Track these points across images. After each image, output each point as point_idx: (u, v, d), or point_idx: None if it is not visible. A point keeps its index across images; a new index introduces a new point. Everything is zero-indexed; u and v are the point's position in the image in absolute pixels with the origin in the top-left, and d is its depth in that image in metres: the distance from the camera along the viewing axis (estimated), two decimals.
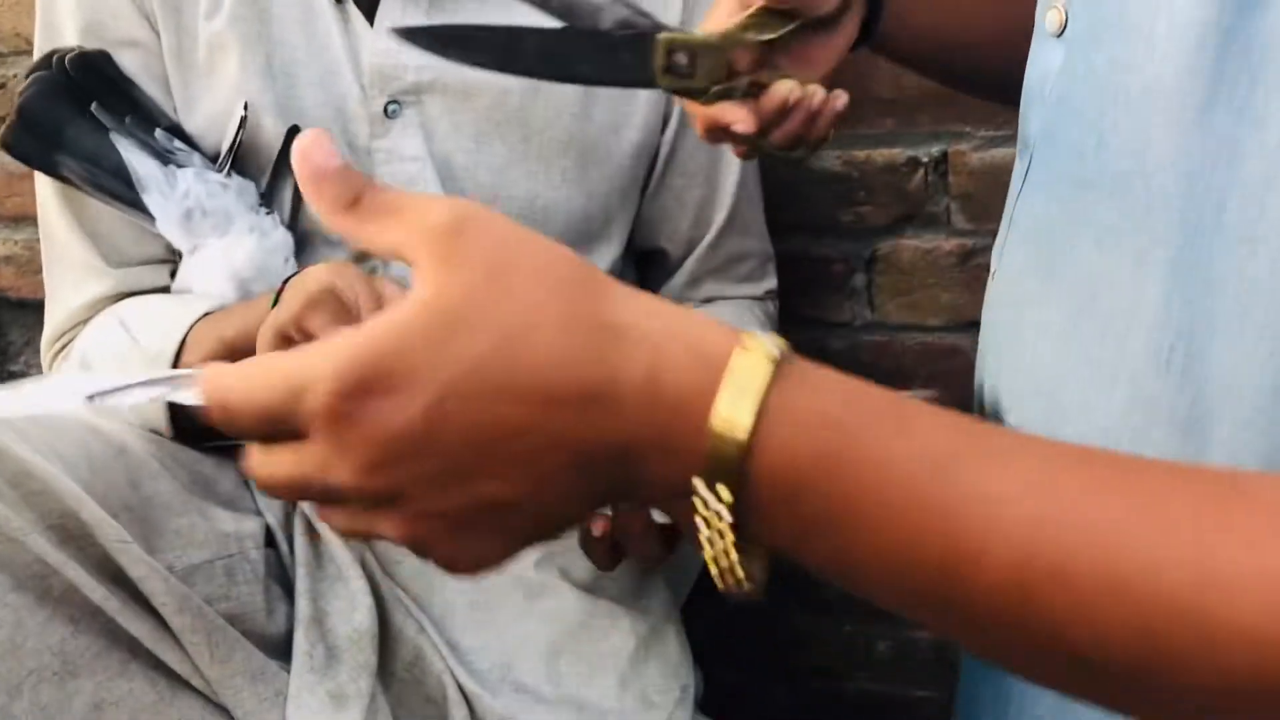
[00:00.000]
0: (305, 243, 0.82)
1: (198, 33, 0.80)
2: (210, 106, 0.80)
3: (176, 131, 0.80)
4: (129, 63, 0.80)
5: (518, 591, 0.83)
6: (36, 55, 0.80)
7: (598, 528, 0.70)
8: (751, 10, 0.64)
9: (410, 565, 0.82)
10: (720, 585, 0.39)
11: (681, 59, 0.62)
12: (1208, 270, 0.50)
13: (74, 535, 0.61)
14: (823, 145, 0.69)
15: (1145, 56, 0.52)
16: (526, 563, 0.83)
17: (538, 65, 0.60)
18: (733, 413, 0.35)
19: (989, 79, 0.71)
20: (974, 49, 0.74)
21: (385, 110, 0.79)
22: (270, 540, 0.77)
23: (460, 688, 0.78)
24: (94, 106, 0.75)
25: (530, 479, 0.37)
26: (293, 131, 0.78)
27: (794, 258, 1.04)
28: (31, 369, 1.27)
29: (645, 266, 0.96)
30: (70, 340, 0.83)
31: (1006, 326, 0.64)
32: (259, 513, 0.77)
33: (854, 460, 0.36)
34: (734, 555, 0.38)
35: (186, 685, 0.66)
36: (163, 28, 0.80)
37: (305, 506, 0.79)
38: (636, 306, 0.38)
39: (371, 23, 0.78)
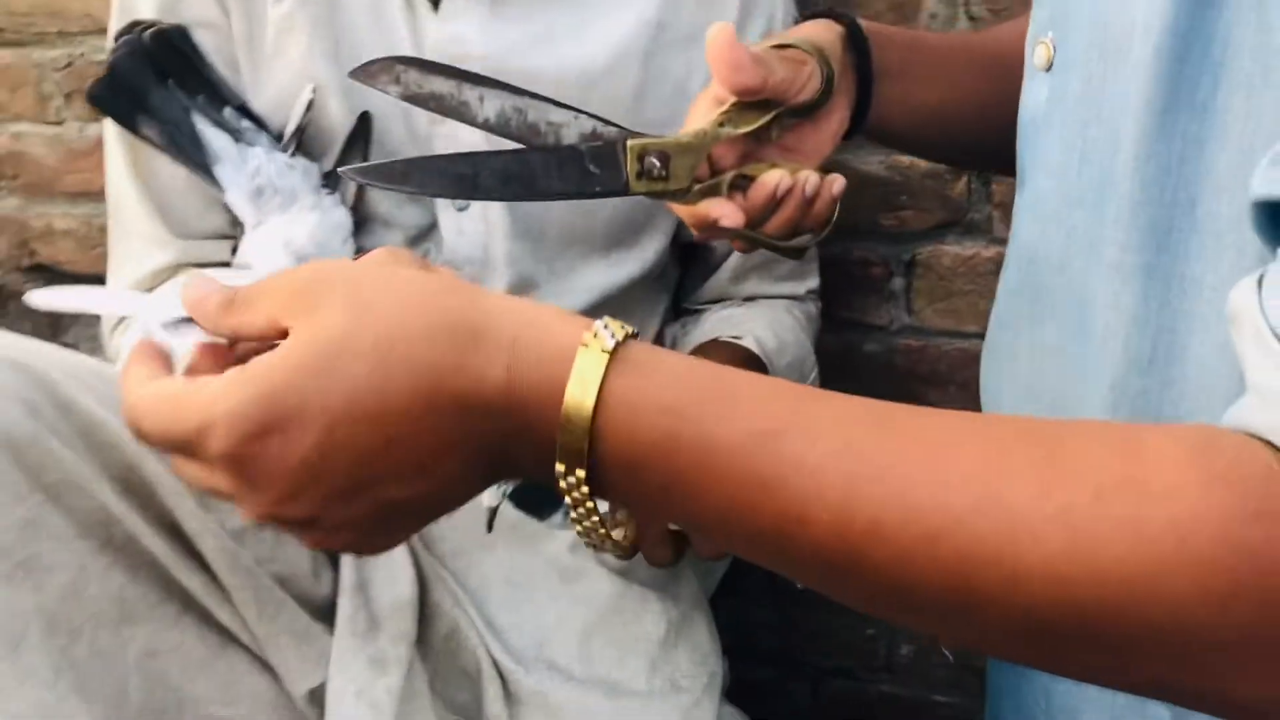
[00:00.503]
0: (365, 225, 0.84)
1: (266, 16, 0.82)
2: (276, 89, 0.82)
3: (244, 111, 0.82)
4: (200, 42, 0.82)
5: (553, 573, 0.84)
6: (112, 33, 0.82)
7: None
8: (725, 106, 0.63)
9: (451, 543, 0.84)
10: (592, 548, 0.44)
11: (654, 162, 0.61)
12: (1184, 268, 0.51)
13: (135, 488, 0.63)
14: (827, 231, 0.68)
15: (1119, 69, 0.53)
16: (562, 546, 0.85)
17: (502, 188, 0.60)
18: (576, 409, 0.40)
19: (987, 150, 0.72)
20: (969, 121, 0.75)
21: None
22: None
23: (495, 663, 0.80)
24: (170, 83, 0.77)
25: (424, 479, 0.41)
26: (364, 118, 0.80)
27: (834, 259, 1.05)
28: (81, 342, 1.30)
29: (689, 261, 0.98)
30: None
31: (1006, 348, 0.65)
32: None
33: (687, 439, 0.40)
34: (599, 525, 0.43)
35: (235, 641, 0.68)
36: (233, 10, 0.82)
37: None
38: (491, 308, 0.42)
39: (436, 9, 0.80)
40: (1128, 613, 0.36)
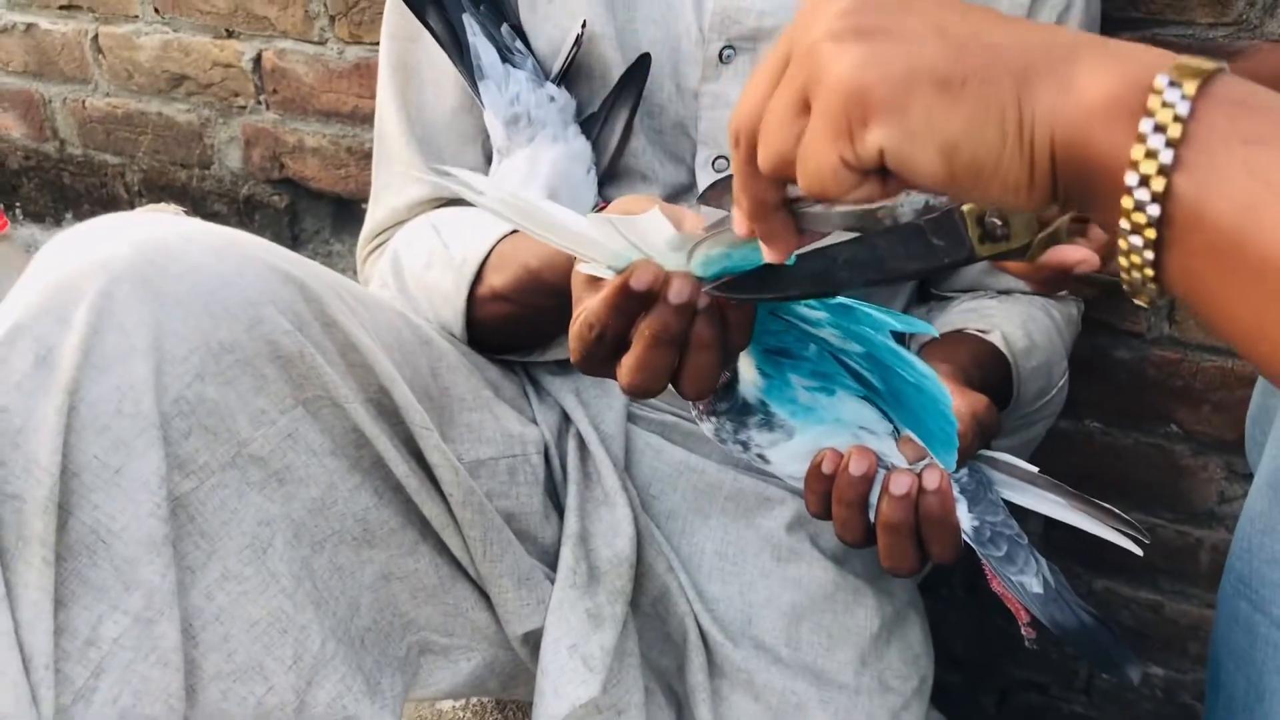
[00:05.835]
0: (624, 178, 0.82)
1: None
2: (553, 33, 0.81)
3: (518, 32, 0.81)
4: None
5: (766, 551, 0.82)
6: None
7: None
8: None
9: (667, 503, 0.82)
10: (1126, 275, 0.39)
11: (995, 222, 0.59)
12: None
13: (386, 411, 0.64)
14: None
15: None
16: (778, 524, 0.82)
17: (856, 276, 0.58)
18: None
19: None
20: None
21: (720, 55, 0.78)
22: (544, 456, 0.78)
23: (702, 633, 0.78)
24: None
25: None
26: (643, 59, 0.78)
27: None
28: (317, 257, 1.34)
29: None
30: (386, 239, 0.87)
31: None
32: (536, 423, 0.79)
33: None
34: (1157, 199, 0.36)
35: (464, 574, 0.68)
36: None
37: (581, 421, 0.79)
38: None
39: None
40: None
